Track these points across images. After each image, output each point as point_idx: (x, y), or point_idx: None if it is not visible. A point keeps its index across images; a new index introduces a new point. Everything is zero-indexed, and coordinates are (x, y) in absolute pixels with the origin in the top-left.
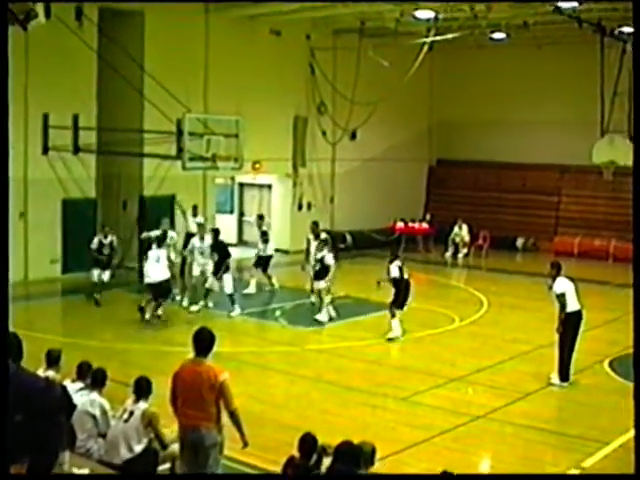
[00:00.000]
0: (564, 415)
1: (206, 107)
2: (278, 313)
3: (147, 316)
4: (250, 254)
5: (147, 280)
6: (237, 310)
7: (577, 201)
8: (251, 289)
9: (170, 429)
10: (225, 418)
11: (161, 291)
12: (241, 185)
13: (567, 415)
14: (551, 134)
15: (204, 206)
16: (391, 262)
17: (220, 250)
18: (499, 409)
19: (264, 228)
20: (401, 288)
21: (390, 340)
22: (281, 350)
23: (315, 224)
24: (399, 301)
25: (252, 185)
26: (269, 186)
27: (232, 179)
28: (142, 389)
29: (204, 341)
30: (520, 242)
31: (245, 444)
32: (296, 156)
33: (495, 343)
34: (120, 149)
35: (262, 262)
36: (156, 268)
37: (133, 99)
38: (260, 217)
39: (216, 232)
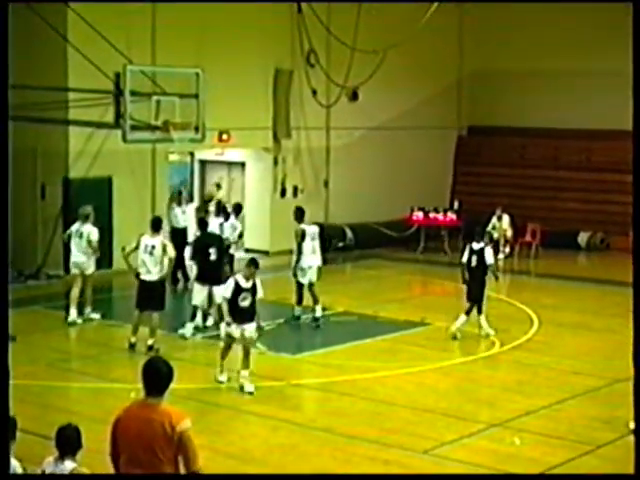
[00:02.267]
0: None
1: (154, 57)
2: (254, 336)
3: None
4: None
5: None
6: (190, 329)
7: None
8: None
9: None
10: None
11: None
12: (203, 163)
13: None
14: (624, 90)
15: (153, 191)
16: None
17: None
18: (558, 466)
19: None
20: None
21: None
22: (259, 386)
23: (300, 211)
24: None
25: (218, 163)
26: (242, 164)
27: (191, 155)
28: (68, 443)
29: (158, 375)
30: (584, 238)
31: None
32: (278, 124)
33: (550, 376)
34: (36, 114)
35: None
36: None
37: (54, 46)
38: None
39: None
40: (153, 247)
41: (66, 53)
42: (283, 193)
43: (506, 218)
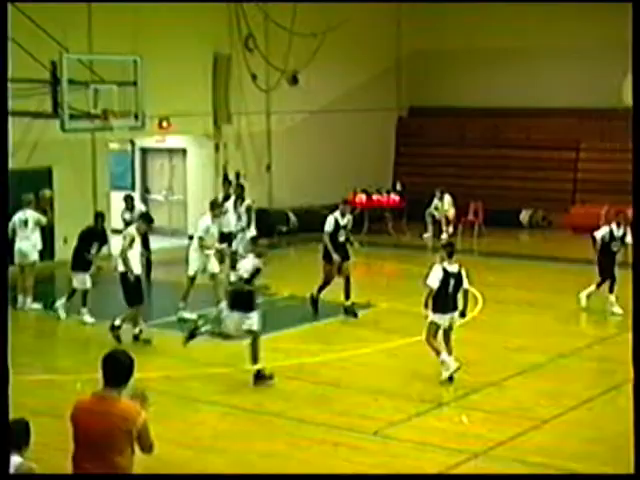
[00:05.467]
0: (596, 449)
1: (91, 45)
2: (201, 322)
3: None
4: (161, 244)
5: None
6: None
7: (602, 157)
8: None
9: None
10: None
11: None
12: (144, 151)
13: (600, 449)
14: (566, 67)
15: (94, 181)
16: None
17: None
18: (504, 443)
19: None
20: None
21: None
22: (206, 373)
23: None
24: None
25: (159, 150)
26: (183, 151)
27: (132, 143)
28: (16, 438)
29: (117, 367)
30: (525, 216)
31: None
32: (218, 109)
33: (496, 353)
34: None
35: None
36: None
37: None
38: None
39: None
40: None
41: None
42: (226, 179)
43: (447, 198)
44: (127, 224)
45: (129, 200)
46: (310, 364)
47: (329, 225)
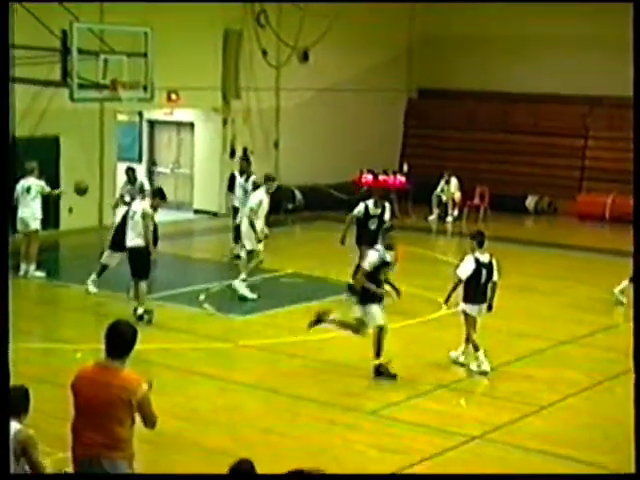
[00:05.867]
0: (593, 437)
1: (102, 15)
2: (202, 297)
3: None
4: (166, 217)
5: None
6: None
7: (610, 146)
8: None
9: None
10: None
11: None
12: (152, 123)
13: (597, 436)
14: (577, 54)
15: (101, 151)
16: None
17: None
18: (502, 427)
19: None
20: None
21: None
22: (207, 347)
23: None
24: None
25: (167, 123)
26: (190, 125)
27: (139, 115)
28: (15, 404)
29: (120, 338)
30: (531, 202)
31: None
32: (227, 84)
33: (497, 338)
34: None
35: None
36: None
37: None
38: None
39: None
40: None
41: (11, 8)
42: (232, 154)
43: (454, 181)
44: (132, 198)
45: (130, 173)
46: (312, 342)
47: (358, 211)
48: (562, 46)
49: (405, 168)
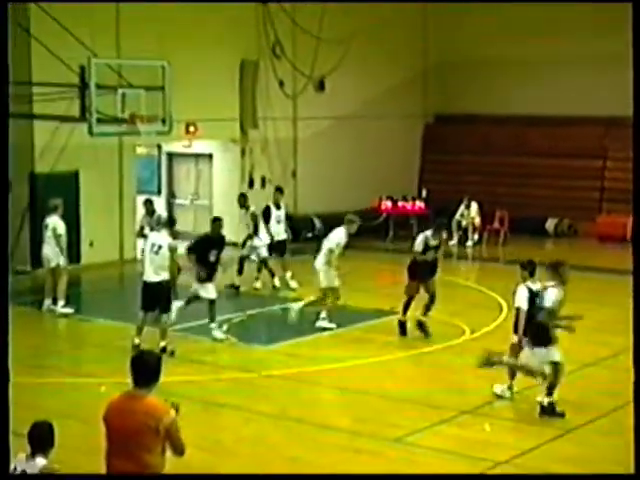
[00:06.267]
0: (620, 458)
1: (119, 49)
2: (225, 327)
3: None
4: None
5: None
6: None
7: (629, 167)
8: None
9: None
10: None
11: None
12: (170, 156)
13: (623, 457)
14: (592, 75)
15: (120, 185)
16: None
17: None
18: (530, 452)
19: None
20: None
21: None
22: (230, 378)
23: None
24: None
25: (186, 155)
26: (209, 156)
27: (158, 148)
28: (39, 440)
29: (145, 368)
30: (551, 224)
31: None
32: (244, 115)
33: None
34: None
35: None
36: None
37: (17, 39)
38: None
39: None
40: (160, 247)
41: (30, 47)
42: (251, 184)
43: (474, 206)
44: (151, 229)
45: (148, 204)
46: (334, 370)
47: (418, 245)
48: (576, 67)
49: (424, 193)
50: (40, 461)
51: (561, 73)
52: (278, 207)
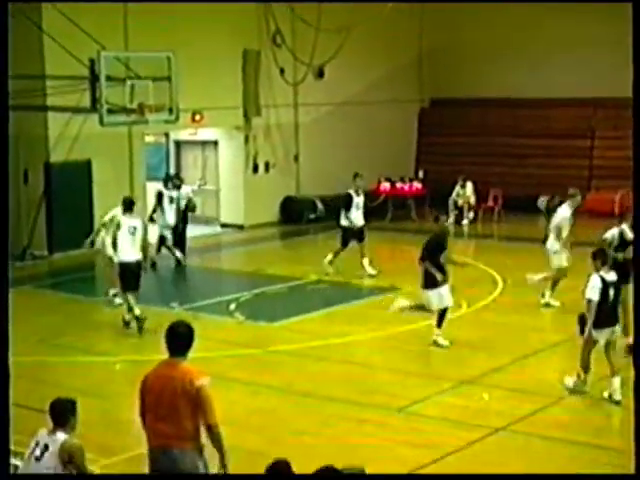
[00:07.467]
0: (614, 424)
1: (127, 42)
2: (232, 306)
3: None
4: (196, 232)
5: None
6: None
7: (617, 145)
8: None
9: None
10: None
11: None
12: (178, 143)
13: (619, 424)
14: (580, 58)
15: (130, 172)
16: None
17: None
18: (525, 418)
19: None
20: None
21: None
22: (238, 354)
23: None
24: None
25: (192, 143)
26: (215, 143)
27: (166, 136)
28: (60, 415)
29: (181, 337)
30: (543, 201)
31: (224, 469)
32: (248, 102)
33: (515, 333)
34: (15, 102)
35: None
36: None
37: (29, 35)
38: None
39: None
40: (135, 228)
41: (42, 42)
42: (255, 169)
43: (469, 185)
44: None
45: (175, 179)
46: (338, 345)
47: (612, 235)
48: (566, 50)
49: (421, 174)
50: (61, 436)
51: (551, 57)
52: (358, 194)
